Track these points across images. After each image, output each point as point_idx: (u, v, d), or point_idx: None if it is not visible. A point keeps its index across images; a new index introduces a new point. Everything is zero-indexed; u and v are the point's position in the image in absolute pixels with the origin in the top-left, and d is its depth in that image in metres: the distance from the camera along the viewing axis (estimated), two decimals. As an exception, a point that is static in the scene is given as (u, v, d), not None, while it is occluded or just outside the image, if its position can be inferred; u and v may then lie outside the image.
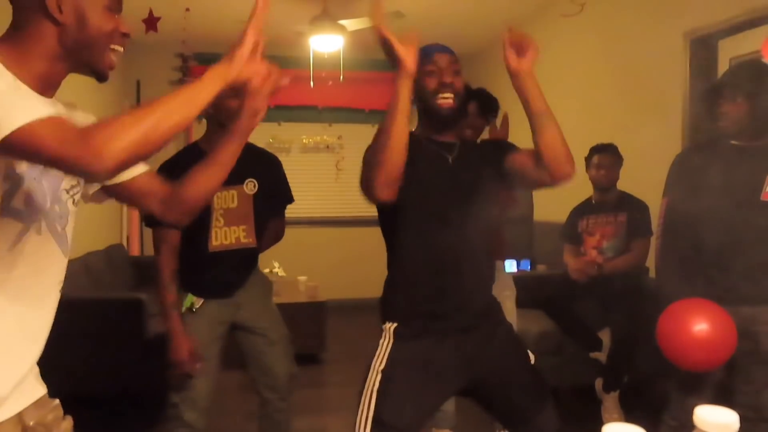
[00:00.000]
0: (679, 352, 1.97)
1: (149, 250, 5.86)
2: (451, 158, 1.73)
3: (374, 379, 1.63)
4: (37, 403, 1.10)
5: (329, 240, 6.34)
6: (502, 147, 1.80)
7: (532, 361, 1.83)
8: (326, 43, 4.45)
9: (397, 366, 1.64)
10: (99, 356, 3.15)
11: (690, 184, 2.18)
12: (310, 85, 5.21)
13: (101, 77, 1.11)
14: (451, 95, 1.68)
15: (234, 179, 2.10)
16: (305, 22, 4.37)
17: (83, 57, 1.06)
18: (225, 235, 2.16)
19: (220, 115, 2.03)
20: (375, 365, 1.66)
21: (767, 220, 1.99)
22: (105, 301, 3.40)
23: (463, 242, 1.67)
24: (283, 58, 5.93)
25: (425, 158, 1.68)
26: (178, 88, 1.00)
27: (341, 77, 5.32)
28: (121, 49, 1.11)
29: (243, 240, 2.19)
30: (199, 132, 2.28)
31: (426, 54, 1.70)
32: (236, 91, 2.00)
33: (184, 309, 2.12)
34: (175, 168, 2.04)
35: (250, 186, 2.21)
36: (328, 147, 6.33)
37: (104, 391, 3.24)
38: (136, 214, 5.75)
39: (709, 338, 1.91)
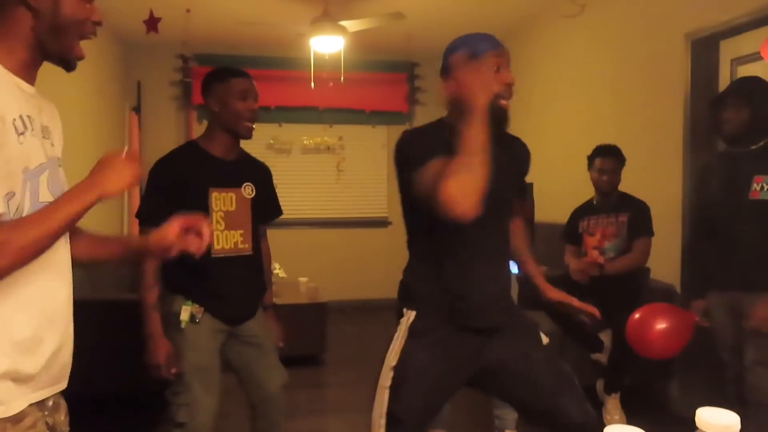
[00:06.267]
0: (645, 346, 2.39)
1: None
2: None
3: (386, 375, 1.62)
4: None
5: (330, 241, 6.35)
6: (525, 167, 1.86)
7: (545, 342, 1.82)
8: (327, 44, 4.45)
9: (409, 363, 1.62)
10: (99, 357, 3.14)
11: (699, 187, 2.65)
12: (311, 86, 5.21)
13: (69, 66, 1.14)
14: (509, 98, 1.62)
15: (232, 182, 2.09)
16: (306, 23, 4.37)
17: (54, 45, 1.09)
18: (226, 239, 2.07)
19: (227, 116, 2.03)
20: (388, 360, 1.63)
21: (755, 216, 2.32)
22: (105, 302, 3.40)
23: (491, 235, 1.67)
24: (284, 59, 5.95)
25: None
26: (61, 200, 1.06)
27: (342, 78, 5.32)
28: (93, 37, 1.13)
29: (240, 245, 2.10)
30: (199, 132, 2.26)
31: (492, 43, 1.61)
32: (244, 94, 2.03)
33: (185, 320, 2.01)
34: (173, 164, 2.04)
35: (248, 190, 2.14)
36: (328, 148, 6.33)
37: (104, 393, 3.24)
38: (136, 215, 5.75)
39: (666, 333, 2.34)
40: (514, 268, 4.13)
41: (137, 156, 1.18)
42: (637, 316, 2.41)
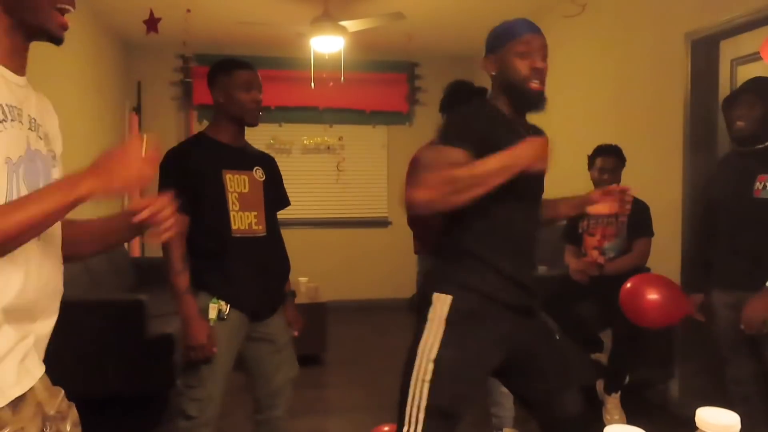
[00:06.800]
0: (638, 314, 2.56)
1: (150, 252, 5.89)
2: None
3: (425, 368, 1.60)
4: (51, 392, 1.11)
5: (330, 241, 6.35)
6: None
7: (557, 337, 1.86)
8: (327, 44, 4.45)
9: (452, 353, 1.60)
10: (99, 357, 3.15)
11: (705, 187, 2.74)
12: (311, 86, 5.21)
13: (56, 40, 1.07)
14: (540, 81, 1.68)
15: (244, 165, 2.15)
16: (306, 23, 4.37)
17: (30, 20, 1.03)
18: (241, 220, 2.10)
19: (232, 107, 2.08)
20: (424, 352, 1.61)
21: (757, 215, 2.35)
22: (106, 303, 3.40)
23: (533, 219, 1.75)
24: (284, 59, 5.95)
25: (513, 136, 1.65)
26: (41, 192, 0.96)
27: (342, 78, 5.32)
28: (69, 7, 1.06)
29: (254, 227, 2.13)
30: (198, 128, 2.28)
31: (516, 31, 1.72)
32: (248, 85, 2.03)
33: (213, 319, 2.02)
34: (185, 153, 2.09)
35: (259, 173, 2.18)
36: (329, 148, 6.33)
37: (105, 393, 3.23)
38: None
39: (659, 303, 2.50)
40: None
41: (157, 155, 1.03)
42: (630, 283, 2.62)
